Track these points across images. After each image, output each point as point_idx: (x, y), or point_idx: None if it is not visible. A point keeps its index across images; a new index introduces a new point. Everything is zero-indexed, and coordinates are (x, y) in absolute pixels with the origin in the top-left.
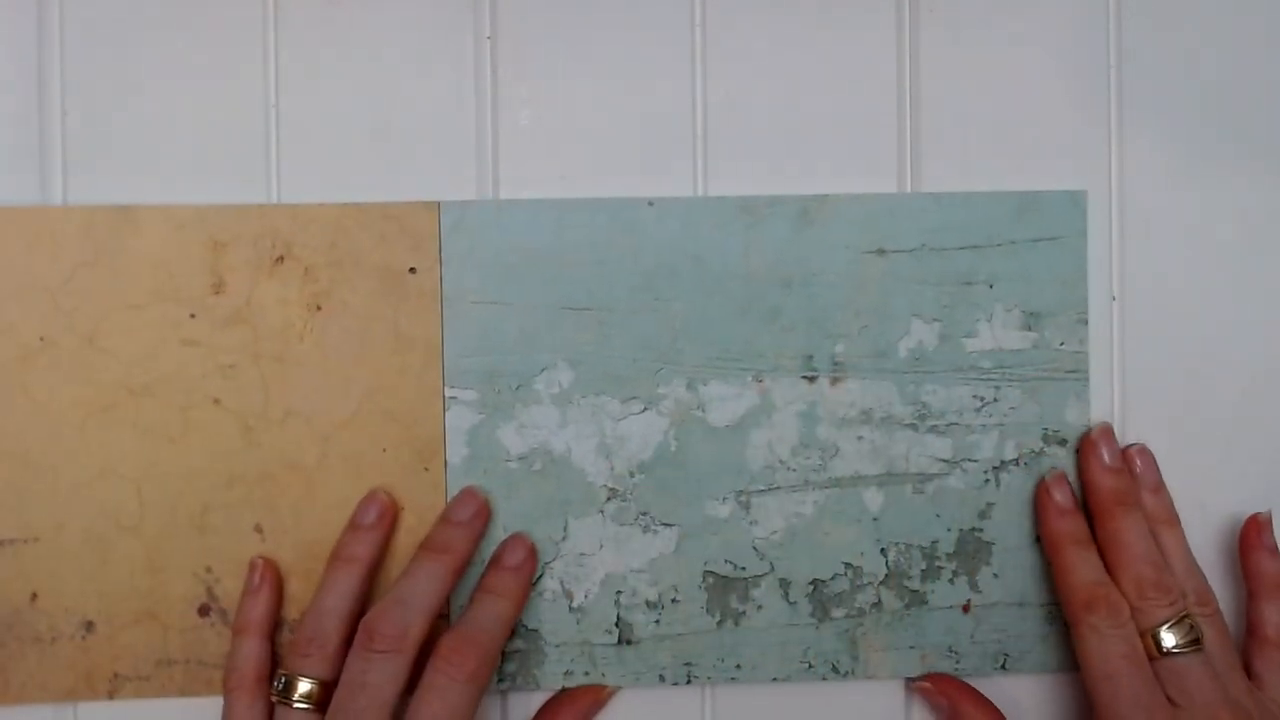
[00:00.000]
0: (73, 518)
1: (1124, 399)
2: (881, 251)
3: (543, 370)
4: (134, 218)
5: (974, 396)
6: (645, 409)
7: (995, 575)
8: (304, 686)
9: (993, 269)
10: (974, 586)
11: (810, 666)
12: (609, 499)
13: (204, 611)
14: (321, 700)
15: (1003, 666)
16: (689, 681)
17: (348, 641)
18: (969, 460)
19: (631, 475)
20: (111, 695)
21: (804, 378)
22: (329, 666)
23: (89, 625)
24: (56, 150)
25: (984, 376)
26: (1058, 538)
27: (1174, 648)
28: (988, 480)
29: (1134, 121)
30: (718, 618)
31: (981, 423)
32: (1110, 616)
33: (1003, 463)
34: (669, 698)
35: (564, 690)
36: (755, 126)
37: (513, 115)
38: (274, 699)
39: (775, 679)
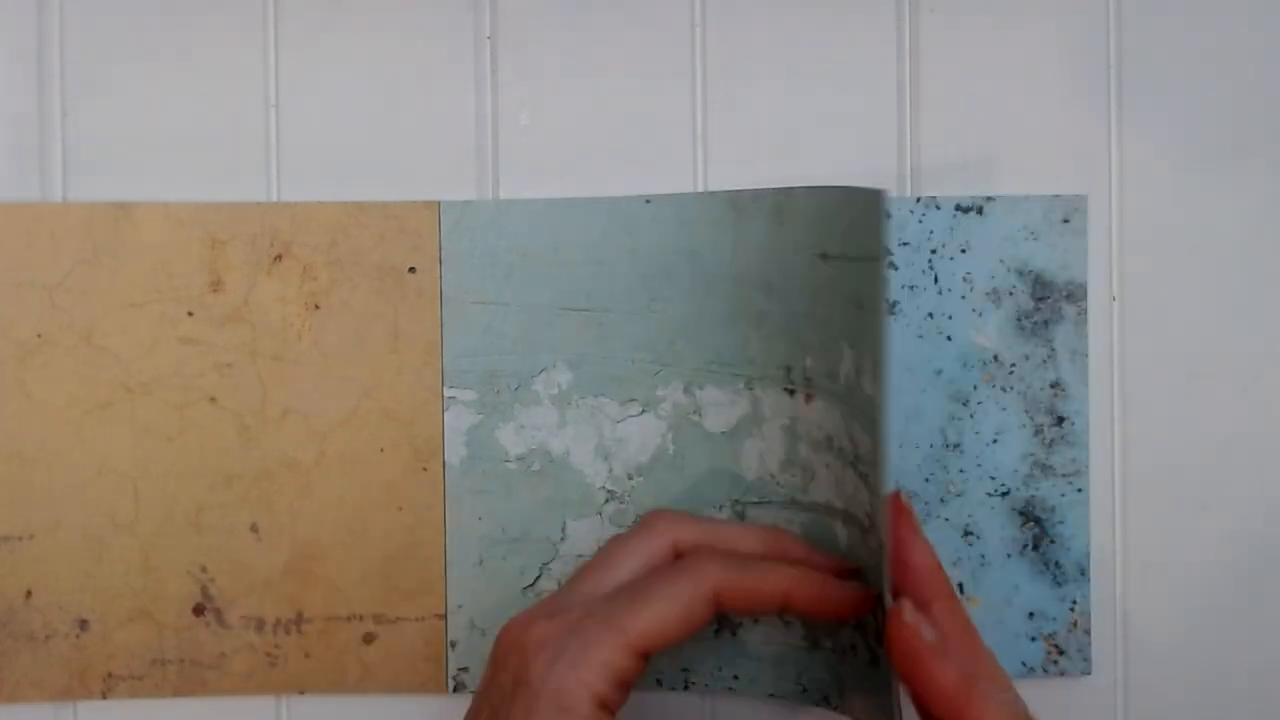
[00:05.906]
0: (68, 515)
1: (1124, 399)
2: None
3: (542, 371)
4: (132, 215)
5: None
6: (644, 411)
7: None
8: None
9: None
10: None
11: (805, 690)
12: (607, 501)
13: (199, 611)
14: None
15: None
16: (686, 688)
17: None
18: None
19: (630, 478)
20: (105, 694)
21: (785, 390)
22: None
23: (83, 623)
24: (56, 149)
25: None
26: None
27: None
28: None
29: (1134, 122)
30: (715, 626)
31: None
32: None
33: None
34: (668, 701)
35: None
36: (755, 127)
37: (513, 115)
38: None
39: (772, 695)
